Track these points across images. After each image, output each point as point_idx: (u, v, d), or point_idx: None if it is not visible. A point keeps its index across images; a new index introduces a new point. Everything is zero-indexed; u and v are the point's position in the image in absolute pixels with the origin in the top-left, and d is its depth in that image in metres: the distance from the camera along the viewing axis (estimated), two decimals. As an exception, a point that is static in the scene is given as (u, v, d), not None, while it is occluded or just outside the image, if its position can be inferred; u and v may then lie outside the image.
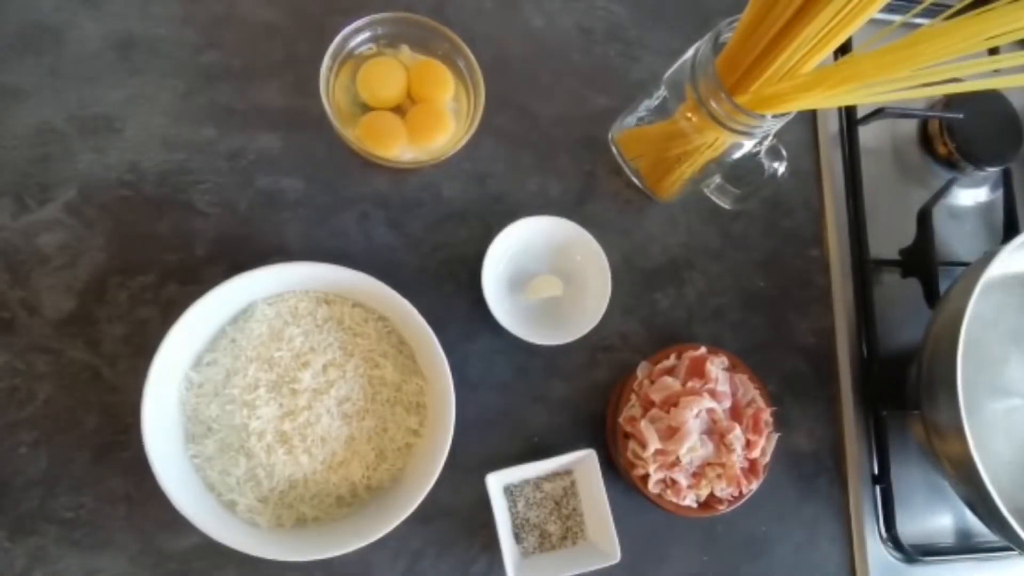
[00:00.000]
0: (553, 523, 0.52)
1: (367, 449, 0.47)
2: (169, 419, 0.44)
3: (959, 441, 0.47)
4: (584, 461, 0.51)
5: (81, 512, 0.46)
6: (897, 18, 0.44)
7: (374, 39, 0.53)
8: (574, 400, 0.55)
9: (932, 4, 0.43)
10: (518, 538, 0.51)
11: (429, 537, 0.50)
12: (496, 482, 0.50)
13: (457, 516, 0.51)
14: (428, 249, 0.54)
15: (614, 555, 0.49)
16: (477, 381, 0.53)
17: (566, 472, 0.53)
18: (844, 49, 0.53)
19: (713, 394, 0.51)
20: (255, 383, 0.45)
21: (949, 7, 0.39)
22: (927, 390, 0.51)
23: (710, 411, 0.51)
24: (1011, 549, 0.56)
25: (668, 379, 0.52)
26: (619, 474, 0.53)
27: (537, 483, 0.52)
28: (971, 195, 0.67)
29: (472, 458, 0.51)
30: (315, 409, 0.45)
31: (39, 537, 0.45)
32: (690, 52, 0.47)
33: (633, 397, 0.52)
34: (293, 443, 0.45)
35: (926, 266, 0.60)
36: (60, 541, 0.45)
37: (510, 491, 0.52)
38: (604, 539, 0.49)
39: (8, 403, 0.46)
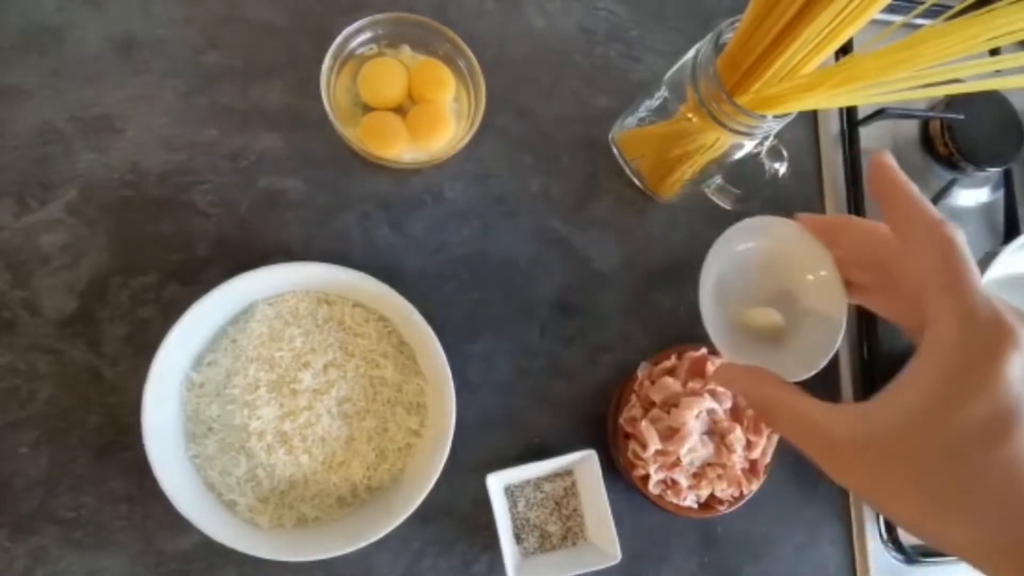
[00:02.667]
0: (553, 523, 0.52)
1: (367, 449, 0.47)
2: (170, 419, 0.44)
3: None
4: (585, 461, 0.51)
5: (82, 512, 0.46)
6: (898, 19, 0.44)
7: (375, 39, 0.53)
8: (575, 400, 0.55)
9: (933, 5, 0.43)
10: (518, 538, 0.51)
11: (430, 537, 0.50)
12: (497, 482, 0.50)
13: (457, 516, 0.51)
14: (429, 250, 0.54)
15: (614, 555, 0.49)
16: (478, 382, 0.53)
17: (567, 472, 0.53)
18: (845, 50, 0.53)
19: (714, 395, 0.51)
20: (255, 383, 0.45)
21: (950, 8, 0.39)
22: (928, 391, 0.51)
23: (711, 412, 0.51)
24: (1012, 550, 0.56)
25: (669, 380, 0.52)
26: (619, 475, 0.53)
27: (538, 483, 0.52)
28: (972, 196, 0.67)
29: (473, 458, 0.51)
30: (315, 409, 0.45)
31: (40, 537, 0.45)
32: (691, 53, 0.47)
33: (633, 398, 0.52)
34: (293, 443, 0.45)
35: (927, 267, 0.60)
36: (61, 541, 0.45)
37: (511, 491, 0.52)
38: (604, 539, 0.49)
39: (9, 403, 0.46)
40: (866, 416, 0.27)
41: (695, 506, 0.52)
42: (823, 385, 0.59)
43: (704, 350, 0.53)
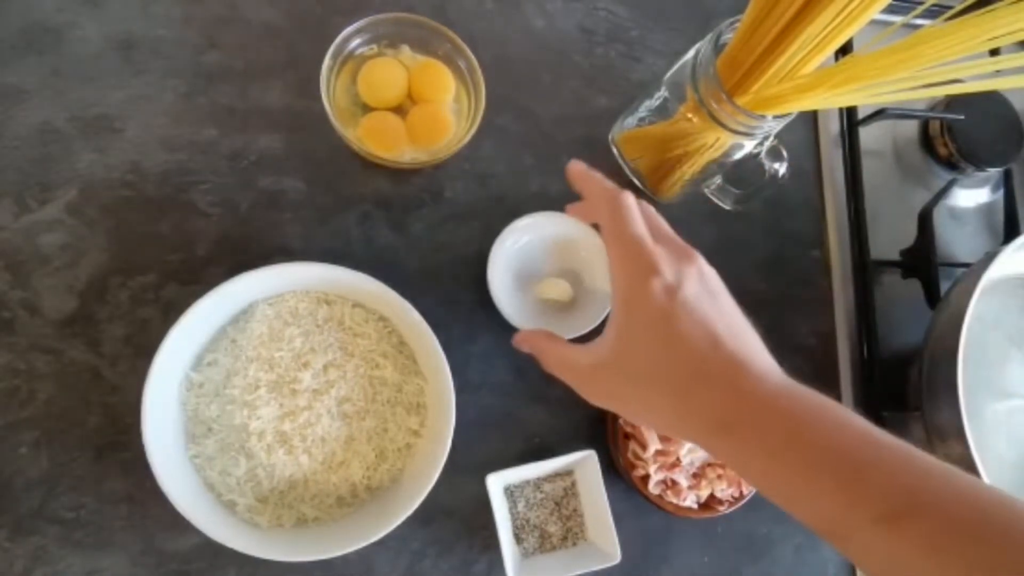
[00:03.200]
0: (553, 524, 0.52)
1: (367, 449, 0.47)
2: (169, 419, 0.44)
3: (960, 442, 0.47)
4: (584, 462, 0.51)
5: (82, 512, 0.46)
6: (898, 19, 0.44)
7: (375, 40, 0.53)
8: (575, 401, 0.54)
9: (933, 5, 0.43)
10: (518, 539, 0.51)
11: (429, 537, 0.50)
12: (496, 483, 0.50)
13: (457, 516, 0.51)
14: (429, 250, 0.54)
15: (614, 556, 0.49)
16: (478, 382, 0.53)
17: (567, 473, 0.52)
18: (845, 50, 0.53)
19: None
20: (255, 383, 0.45)
21: (950, 8, 0.39)
22: (928, 391, 0.51)
23: (711, 412, 0.51)
24: (1012, 550, 0.56)
25: (669, 380, 0.52)
26: (619, 475, 0.53)
27: (537, 484, 0.52)
28: (972, 196, 0.67)
29: (472, 458, 0.51)
30: (315, 409, 0.45)
31: (40, 537, 0.45)
32: (691, 53, 0.47)
33: (634, 398, 0.52)
34: (293, 443, 0.45)
35: (927, 267, 0.60)
36: (61, 541, 0.45)
37: (510, 492, 0.52)
38: (604, 540, 0.49)
39: (9, 403, 0.46)
40: (596, 347, 0.37)
41: (695, 506, 0.51)
42: (824, 384, 0.59)
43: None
